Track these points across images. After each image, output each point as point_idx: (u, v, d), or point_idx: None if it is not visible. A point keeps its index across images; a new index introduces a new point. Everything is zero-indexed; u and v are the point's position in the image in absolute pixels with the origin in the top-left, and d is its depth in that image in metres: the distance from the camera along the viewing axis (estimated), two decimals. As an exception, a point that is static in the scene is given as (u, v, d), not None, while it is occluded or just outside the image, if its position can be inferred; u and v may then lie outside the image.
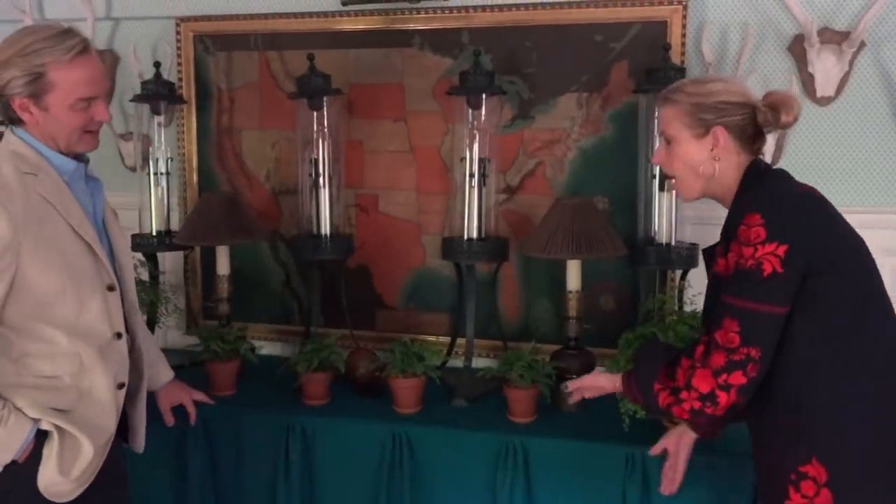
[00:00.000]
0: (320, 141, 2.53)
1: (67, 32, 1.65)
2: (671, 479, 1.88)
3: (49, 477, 1.66)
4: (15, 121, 1.68)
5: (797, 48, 2.35)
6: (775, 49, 2.38)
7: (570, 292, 2.29)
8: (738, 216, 1.52)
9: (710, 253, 1.72)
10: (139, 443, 1.91)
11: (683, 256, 2.30)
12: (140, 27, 2.86)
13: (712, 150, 1.61)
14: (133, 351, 1.84)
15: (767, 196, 1.54)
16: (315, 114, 2.52)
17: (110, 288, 1.73)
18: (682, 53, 2.37)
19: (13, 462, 1.63)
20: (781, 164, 2.39)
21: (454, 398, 2.32)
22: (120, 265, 1.81)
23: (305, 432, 2.22)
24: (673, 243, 2.32)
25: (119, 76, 2.91)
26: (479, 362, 2.49)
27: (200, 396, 2.21)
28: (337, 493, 2.21)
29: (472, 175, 2.39)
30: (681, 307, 2.29)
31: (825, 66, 2.32)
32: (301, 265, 2.74)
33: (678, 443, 1.88)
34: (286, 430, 2.22)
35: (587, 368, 2.30)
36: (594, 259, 2.27)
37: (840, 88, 2.34)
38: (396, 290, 2.70)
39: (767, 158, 2.38)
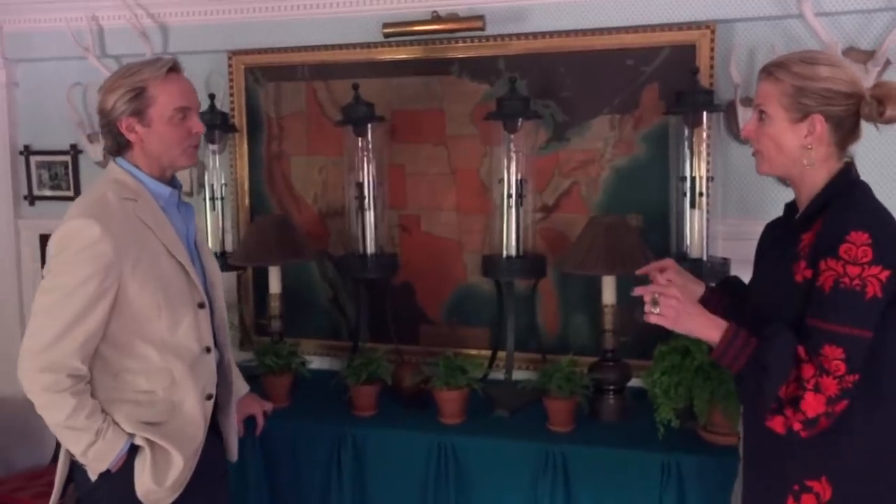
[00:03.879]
0: (365, 165, 2.66)
1: (160, 58, 1.87)
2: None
3: (146, 486, 1.80)
4: (122, 146, 1.85)
5: (823, 68, 2.43)
6: (802, 69, 2.45)
7: (606, 306, 2.39)
8: (840, 231, 1.47)
9: (772, 229, 1.72)
10: (232, 453, 2.06)
11: (716, 271, 2.37)
12: (195, 61, 2.99)
13: (806, 136, 1.55)
14: (222, 364, 2.00)
15: (871, 215, 1.51)
16: (360, 139, 2.65)
17: (201, 305, 1.88)
18: (711, 76, 2.46)
19: (107, 470, 1.79)
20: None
21: (496, 409, 2.43)
22: (211, 284, 1.97)
23: (356, 442, 2.34)
24: (705, 258, 2.40)
25: (175, 107, 3.08)
26: (518, 374, 2.58)
27: (270, 407, 2.31)
28: (387, 499, 2.33)
29: (510, 195, 2.50)
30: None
31: (851, 85, 2.39)
32: (348, 283, 2.88)
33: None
34: (337, 439, 2.35)
35: (624, 379, 2.40)
36: (628, 274, 2.35)
37: (867, 106, 2.41)
38: (439, 306, 2.82)
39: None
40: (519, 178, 2.50)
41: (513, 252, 2.51)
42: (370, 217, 2.67)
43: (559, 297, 2.69)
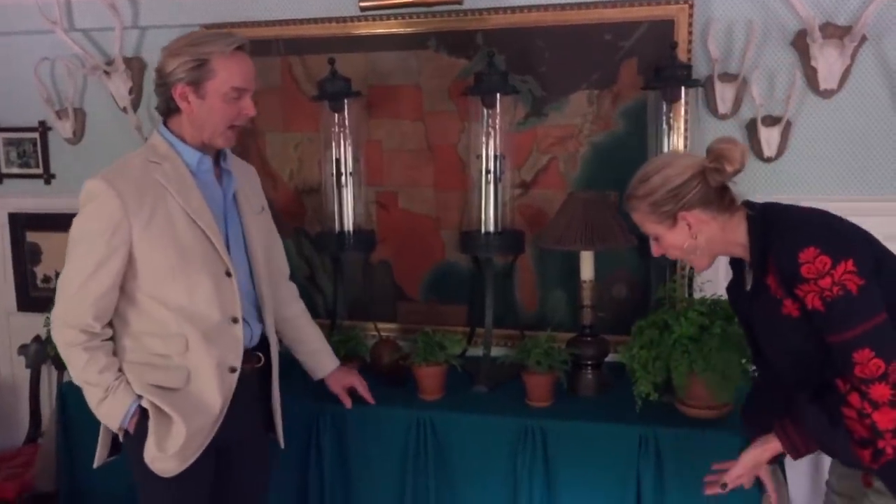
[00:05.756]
0: (341, 141, 2.63)
1: (231, 33, 1.88)
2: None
3: (151, 452, 1.82)
4: (171, 110, 1.85)
5: (800, 43, 2.43)
6: (779, 44, 2.46)
7: (584, 282, 2.39)
8: (790, 261, 1.52)
9: (735, 290, 1.77)
10: (279, 436, 2.06)
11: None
12: (166, 35, 2.88)
13: (690, 230, 1.66)
14: (267, 338, 1.99)
15: (802, 228, 1.56)
16: (336, 115, 2.62)
17: (227, 274, 1.86)
18: (689, 51, 2.46)
19: (128, 433, 1.83)
20: (786, 156, 2.48)
21: (475, 385, 2.43)
22: (252, 254, 1.95)
23: (335, 419, 2.33)
24: (682, 234, 2.41)
25: (146, 83, 3.02)
26: (496, 351, 2.58)
27: (364, 383, 2.31)
28: (366, 476, 2.33)
29: (488, 171, 2.48)
30: (690, 294, 2.38)
31: (828, 60, 2.40)
32: (325, 260, 2.86)
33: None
34: (316, 417, 2.34)
35: (602, 354, 2.41)
36: (606, 250, 2.36)
37: (842, 81, 2.42)
38: (417, 283, 2.81)
39: (772, 151, 2.47)
40: (497, 153, 2.49)
41: (491, 228, 2.50)
42: (347, 194, 2.65)
43: (537, 274, 2.69)
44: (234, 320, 1.88)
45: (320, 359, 2.28)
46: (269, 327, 2.02)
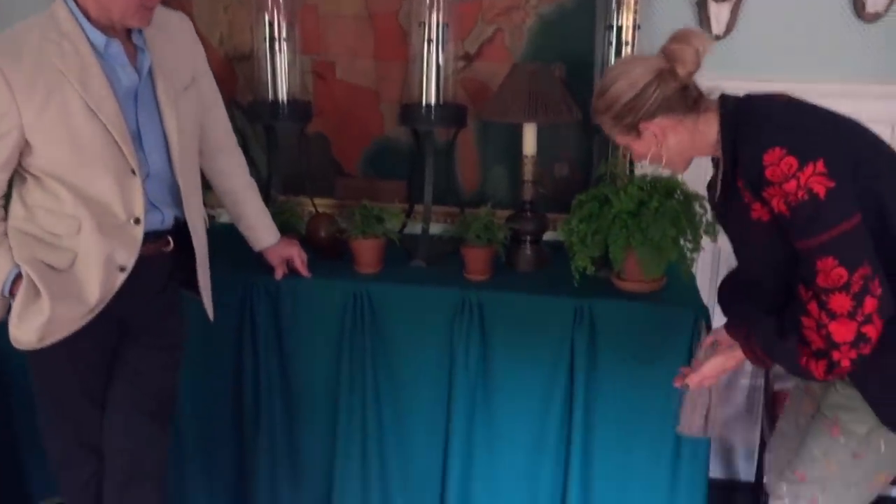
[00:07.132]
0: (274, 4, 2.47)
1: None
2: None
3: (12, 321, 1.73)
4: None
5: (756, -85, 2.36)
6: (734, -84, 2.38)
7: (526, 157, 2.35)
8: (755, 162, 1.43)
9: (713, 192, 1.67)
10: (208, 311, 2.02)
11: (636, 123, 2.36)
12: None
13: (656, 138, 1.58)
14: (186, 228, 1.88)
15: (770, 126, 1.47)
16: (269, -26, 2.45)
17: (133, 172, 1.71)
18: (643, -83, 2.35)
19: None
20: (734, 34, 2.44)
21: (413, 260, 2.40)
22: (170, 141, 1.78)
23: (269, 292, 2.27)
24: (627, 109, 2.37)
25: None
26: (436, 228, 2.55)
27: (304, 256, 2.27)
28: (302, 349, 2.30)
29: (430, 41, 2.38)
30: (632, 171, 2.36)
31: (781, -65, 2.34)
32: (258, 131, 2.73)
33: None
34: (250, 289, 2.28)
35: (541, 230, 2.40)
36: (550, 123, 2.31)
37: (796, -42, 2.37)
38: (355, 158, 2.72)
39: (721, 29, 2.42)
40: (440, 22, 2.37)
41: (432, 101, 2.41)
42: (281, 61, 2.51)
43: (479, 149, 2.63)
44: (137, 221, 1.75)
45: (258, 234, 2.22)
46: (190, 212, 1.87)
